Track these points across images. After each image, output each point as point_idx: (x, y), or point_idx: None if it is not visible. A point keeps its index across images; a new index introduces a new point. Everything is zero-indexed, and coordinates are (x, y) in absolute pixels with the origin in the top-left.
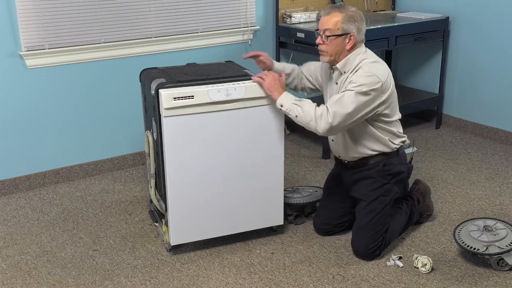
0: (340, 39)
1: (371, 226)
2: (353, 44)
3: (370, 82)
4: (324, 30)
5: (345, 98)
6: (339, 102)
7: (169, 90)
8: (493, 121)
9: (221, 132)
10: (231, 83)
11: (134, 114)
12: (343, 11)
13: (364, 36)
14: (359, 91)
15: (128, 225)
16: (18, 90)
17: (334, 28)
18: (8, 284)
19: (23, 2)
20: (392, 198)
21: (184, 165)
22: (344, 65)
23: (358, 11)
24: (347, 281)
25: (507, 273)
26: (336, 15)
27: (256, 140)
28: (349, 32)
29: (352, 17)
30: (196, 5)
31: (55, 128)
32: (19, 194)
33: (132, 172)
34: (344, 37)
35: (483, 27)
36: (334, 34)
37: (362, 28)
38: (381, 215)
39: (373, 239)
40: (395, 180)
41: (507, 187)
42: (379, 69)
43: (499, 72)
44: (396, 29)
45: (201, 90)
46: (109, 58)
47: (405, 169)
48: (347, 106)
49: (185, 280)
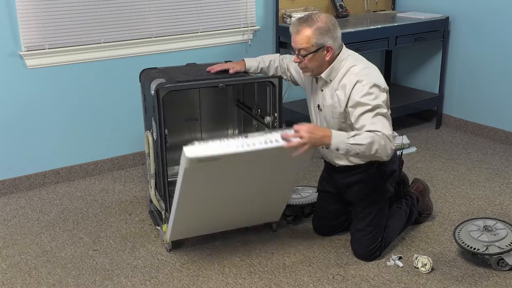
0: (317, 54)
1: (369, 228)
2: (333, 54)
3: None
4: (298, 50)
5: (382, 121)
6: (385, 127)
7: (195, 150)
8: (493, 121)
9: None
10: (263, 142)
11: (134, 114)
12: (312, 24)
13: (341, 40)
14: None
15: (128, 225)
16: (18, 90)
17: (308, 46)
18: (8, 284)
19: (23, 2)
20: (387, 198)
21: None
22: (329, 74)
23: (328, 18)
24: (347, 281)
25: (507, 273)
26: (306, 31)
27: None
28: (324, 45)
29: (323, 29)
30: (196, 5)
31: (55, 128)
32: (19, 194)
33: (132, 172)
34: (321, 50)
35: (483, 27)
36: (309, 52)
37: (337, 34)
38: (378, 217)
39: (373, 241)
40: (389, 181)
41: (507, 187)
42: (373, 75)
43: (499, 72)
44: (396, 29)
45: (232, 153)
46: (109, 58)
47: (396, 166)
48: (389, 126)
49: (185, 280)
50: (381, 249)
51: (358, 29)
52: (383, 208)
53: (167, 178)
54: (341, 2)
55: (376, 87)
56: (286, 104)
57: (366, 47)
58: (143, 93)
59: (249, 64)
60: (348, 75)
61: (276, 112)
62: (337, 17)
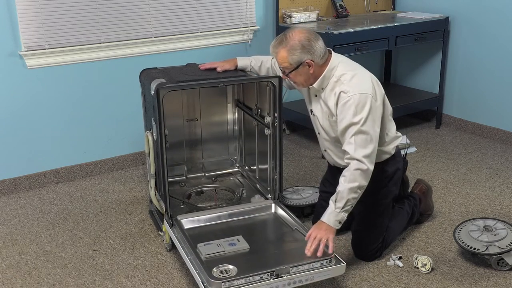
0: (299, 70)
1: (370, 229)
2: (316, 66)
3: (362, 105)
4: (282, 68)
5: (358, 138)
6: (359, 145)
7: None
8: (493, 121)
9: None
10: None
11: (134, 114)
12: (285, 44)
13: (324, 49)
14: (363, 122)
15: (128, 225)
16: (18, 90)
17: (287, 65)
18: (8, 284)
19: (23, 2)
20: (391, 199)
21: None
22: (321, 83)
23: (302, 34)
24: (347, 281)
25: (507, 273)
26: (282, 52)
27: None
28: (302, 61)
29: (296, 47)
30: (196, 5)
31: (55, 128)
32: (19, 194)
33: (132, 172)
34: (302, 67)
35: (483, 27)
36: (291, 70)
37: (315, 47)
38: (380, 218)
39: (373, 241)
40: (392, 182)
41: (507, 187)
42: (361, 84)
43: (499, 72)
44: (396, 29)
45: None
46: (109, 58)
47: (400, 166)
48: (366, 142)
49: (185, 280)
50: (382, 250)
51: (358, 29)
52: (386, 209)
53: (167, 178)
54: (341, 2)
55: (362, 96)
56: (286, 104)
57: (366, 47)
58: (143, 93)
59: (241, 63)
60: (338, 84)
61: (276, 112)
62: (337, 17)
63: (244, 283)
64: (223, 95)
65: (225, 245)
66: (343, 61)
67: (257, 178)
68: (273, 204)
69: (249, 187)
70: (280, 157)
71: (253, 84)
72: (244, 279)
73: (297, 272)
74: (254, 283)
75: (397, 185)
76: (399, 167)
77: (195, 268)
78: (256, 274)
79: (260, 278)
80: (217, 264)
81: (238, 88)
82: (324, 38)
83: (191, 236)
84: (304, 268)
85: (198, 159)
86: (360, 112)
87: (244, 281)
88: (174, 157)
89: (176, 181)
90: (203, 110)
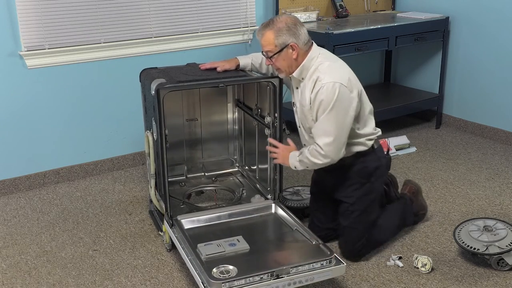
0: (283, 53)
1: (354, 225)
2: (299, 51)
3: (333, 93)
4: (266, 52)
5: (324, 125)
6: (321, 131)
7: None
8: (493, 121)
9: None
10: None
11: (134, 114)
12: (272, 26)
13: (308, 37)
14: (329, 110)
15: (128, 225)
16: (18, 90)
17: (272, 48)
18: (8, 284)
19: (23, 2)
20: (377, 196)
21: None
22: (300, 72)
23: (288, 18)
24: (347, 281)
25: (507, 273)
26: (268, 33)
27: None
28: (287, 43)
29: (283, 29)
30: (196, 5)
31: (55, 128)
32: (19, 194)
33: (132, 172)
34: (286, 50)
35: (483, 27)
36: (274, 52)
37: (300, 32)
38: (364, 214)
39: (358, 238)
40: (375, 177)
41: (507, 187)
42: (336, 74)
43: (499, 72)
44: (396, 29)
45: None
46: (109, 58)
47: (382, 163)
48: (329, 131)
49: (185, 280)
50: (368, 247)
51: (358, 29)
52: (371, 206)
53: (167, 178)
54: (341, 2)
55: (336, 85)
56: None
57: (366, 47)
58: (143, 93)
59: (242, 62)
60: (316, 72)
61: (276, 112)
62: (337, 17)
63: (244, 283)
64: (223, 95)
65: (225, 246)
66: (323, 53)
67: (257, 178)
68: (273, 204)
69: (249, 187)
70: None
71: (254, 84)
72: (244, 280)
73: (297, 272)
74: (254, 284)
75: (381, 182)
76: (382, 163)
77: (195, 268)
78: (256, 274)
79: (260, 278)
80: (217, 264)
81: (238, 88)
82: (324, 38)
83: (191, 236)
84: (304, 269)
85: (198, 159)
86: (331, 100)
87: (244, 281)
88: (174, 157)
89: (176, 181)
90: (203, 110)
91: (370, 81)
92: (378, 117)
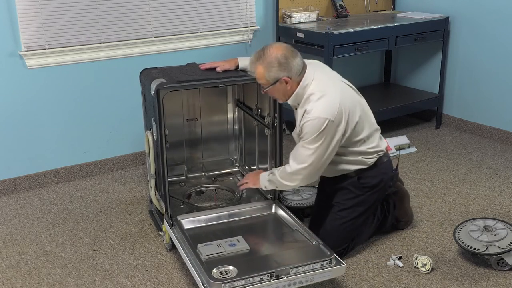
0: (276, 86)
1: (339, 231)
2: (293, 83)
3: (318, 128)
4: (259, 84)
5: (302, 151)
6: (298, 156)
7: None
8: (493, 121)
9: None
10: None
11: (134, 114)
12: (262, 61)
13: (301, 65)
14: (311, 141)
15: (128, 225)
16: (18, 90)
17: (264, 81)
18: (8, 284)
19: (23, 2)
20: (369, 208)
21: None
22: (294, 100)
23: (279, 51)
24: (347, 281)
25: (507, 273)
26: (259, 68)
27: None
28: (279, 78)
29: (273, 64)
30: (196, 5)
31: (55, 128)
32: (19, 194)
33: (132, 172)
34: (279, 83)
35: (483, 27)
36: (268, 85)
37: (292, 64)
38: (351, 223)
39: (339, 244)
40: (373, 192)
41: (507, 187)
42: (326, 106)
43: (499, 72)
44: (396, 29)
45: None
46: (109, 58)
47: (386, 178)
48: (305, 159)
49: (185, 280)
50: (345, 252)
51: (358, 29)
52: (360, 217)
53: (167, 178)
54: (341, 2)
55: (321, 120)
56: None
57: (366, 47)
58: (143, 93)
59: (242, 63)
60: (306, 102)
61: (276, 112)
62: (337, 17)
63: (244, 284)
64: (223, 95)
65: (225, 246)
66: (317, 78)
67: None
68: (273, 204)
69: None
70: (280, 157)
71: (253, 84)
72: (244, 280)
73: (297, 273)
74: (254, 284)
75: (379, 195)
76: (384, 178)
77: (195, 268)
78: (256, 275)
79: (260, 279)
80: (217, 265)
81: (238, 88)
82: (324, 38)
83: (191, 236)
84: (304, 269)
85: (198, 159)
86: (315, 133)
87: (244, 282)
88: (174, 157)
89: (176, 181)
90: (203, 110)
91: (370, 81)
92: (378, 117)
